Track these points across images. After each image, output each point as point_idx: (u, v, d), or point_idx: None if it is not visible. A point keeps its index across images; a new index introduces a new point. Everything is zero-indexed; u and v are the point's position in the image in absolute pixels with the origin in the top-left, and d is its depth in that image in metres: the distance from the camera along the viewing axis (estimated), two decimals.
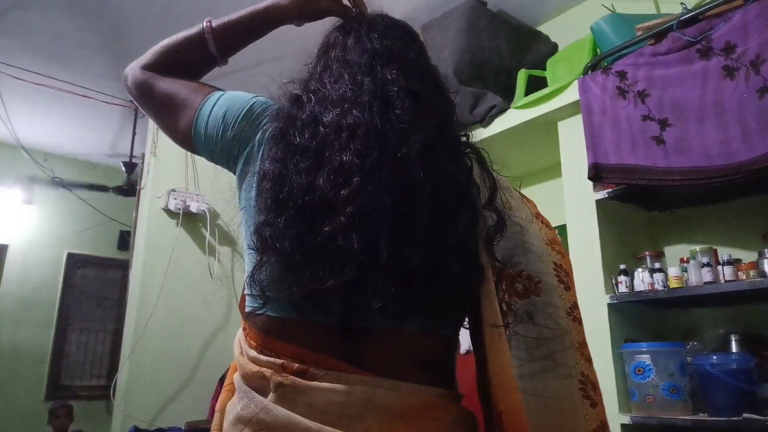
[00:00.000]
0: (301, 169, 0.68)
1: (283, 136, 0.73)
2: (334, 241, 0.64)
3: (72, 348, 4.47)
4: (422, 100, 0.73)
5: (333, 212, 0.65)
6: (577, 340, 0.73)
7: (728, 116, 1.50)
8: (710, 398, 1.56)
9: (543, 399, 0.67)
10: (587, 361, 0.73)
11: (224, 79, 3.37)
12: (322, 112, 0.72)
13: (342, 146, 0.67)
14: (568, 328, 0.72)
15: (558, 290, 0.74)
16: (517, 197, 0.81)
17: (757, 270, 1.54)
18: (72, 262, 4.54)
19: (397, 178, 0.66)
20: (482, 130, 2.22)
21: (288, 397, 0.67)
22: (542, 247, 0.76)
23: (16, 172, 4.27)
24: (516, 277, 0.72)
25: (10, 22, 2.78)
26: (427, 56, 0.86)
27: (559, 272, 0.76)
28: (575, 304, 0.76)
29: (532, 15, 2.62)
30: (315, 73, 0.80)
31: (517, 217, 0.76)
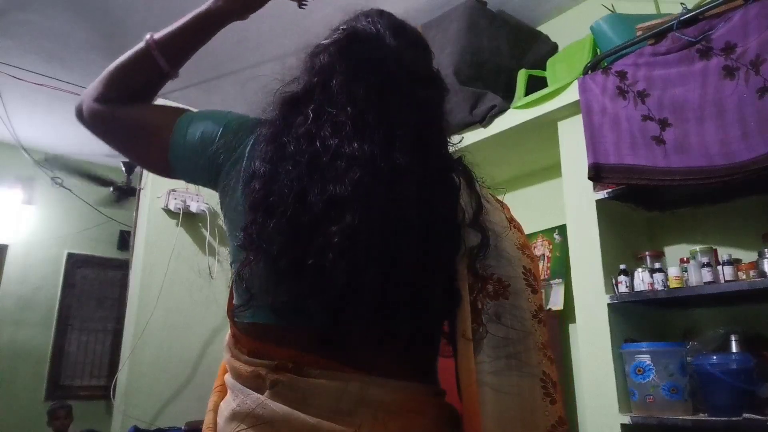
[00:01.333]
0: (292, 177, 0.69)
1: (276, 140, 0.73)
2: (321, 259, 0.66)
3: (72, 348, 4.46)
4: (425, 137, 0.75)
5: (320, 230, 0.67)
6: (541, 341, 0.77)
7: (728, 116, 1.50)
8: (710, 398, 1.56)
9: (507, 395, 0.71)
10: (549, 361, 0.77)
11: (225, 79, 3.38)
12: (320, 130, 0.71)
13: (337, 175, 0.68)
14: (532, 329, 0.76)
15: (525, 294, 0.78)
16: (494, 203, 0.85)
17: (757, 270, 1.54)
18: (72, 262, 4.54)
19: (389, 212, 0.68)
20: (482, 130, 2.22)
21: (284, 393, 0.69)
22: (514, 253, 0.80)
23: (16, 172, 4.27)
24: (488, 279, 0.76)
25: (10, 22, 2.78)
26: (431, 66, 0.87)
27: (528, 276, 0.79)
28: (541, 306, 0.80)
29: (532, 15, 2.62)
30: (317, 82, 0.78)
31: (493, 224, 0.79)
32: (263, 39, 2.84)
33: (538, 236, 2.48)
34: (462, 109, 2.22)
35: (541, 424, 0.73)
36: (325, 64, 0.79)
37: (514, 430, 0.71)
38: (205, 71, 3.19)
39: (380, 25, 0.83)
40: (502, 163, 2.49)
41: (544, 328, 0.79)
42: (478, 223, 0.76)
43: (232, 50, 2.94)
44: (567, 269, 2.13)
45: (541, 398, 0.74)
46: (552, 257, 2.38)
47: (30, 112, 3.79)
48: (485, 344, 0.73)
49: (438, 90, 0.84)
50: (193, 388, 2.86)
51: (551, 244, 2.41)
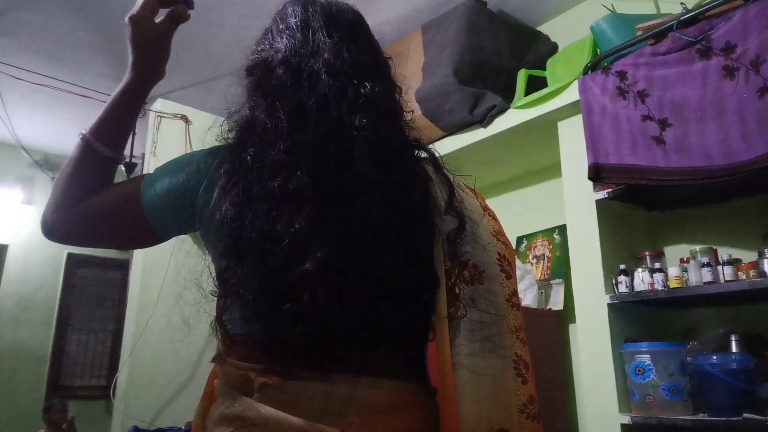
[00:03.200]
0: (259, 215, 0.70)
1: (237, 181, 0.73)
2: (296, 302, 0.67)
3: (72, 348, 4.46)
4: (384, 140, 0.74)
5: (291, 271, 0.68)
6: (514, 324, 0.80)
7: (728, 116, 1.50)
8: (710, 398, 1.56)
9: (483, 377, 0.74)
10: (522, 343, 0.81)
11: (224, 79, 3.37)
12: (262, 170, 0.72)
13: (293, 213, 0.68)
14: (506, 313, 0.79)
15: (500, 279, 0.80)
16: (467, 191, 0.86)
17: (757, 270, 1.54)
18: (72, 262, 4.54)
19: (356, 231, 0.70)
20: (482, 130, 2.22)
21: (272, 396, 0.70)
22: (489, 239, 0.82)
23: (16, 172, 4.27)
24: (464, 265, 0.78)
25: (10, 22, 2.78)
26: (373, 52, 0.85)
27: (502, 262, 0.82)
28: (515, 291, 0.82)
29: (532, 15, 2.62)
30: (249, 113, 0.78)
31: (469, 210, 0.81)
32: None
33: (538, 236, 2.48)
34: (462, 109, 2.22)
35: (513, 402, 0.75)
36: (250, 89, 0.81)
37: (489, 409, 0.73)
38: (205, 71, 3.19)
39: (310, 22, 0.81)
40: (502, 163, 2.49)
41: (518, 311, 0.82)
42: (453, 207, 0.78)
43: (232, 50, 2.94)
44: (567, 269, 2.13)
45: (513, 379, 0.77)
46: (552, 257, 2.38)
47: (30, 112, 3.79)
48: (462, 327, 0.75)
49: (384, 79, 0.83)
50: (193, 388, 2.86)
51: (551, 244, 2.41)
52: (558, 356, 2.15)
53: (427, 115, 2.30)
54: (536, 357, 2.13)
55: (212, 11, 2.67)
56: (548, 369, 2.09)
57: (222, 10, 2.66)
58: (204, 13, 2.69)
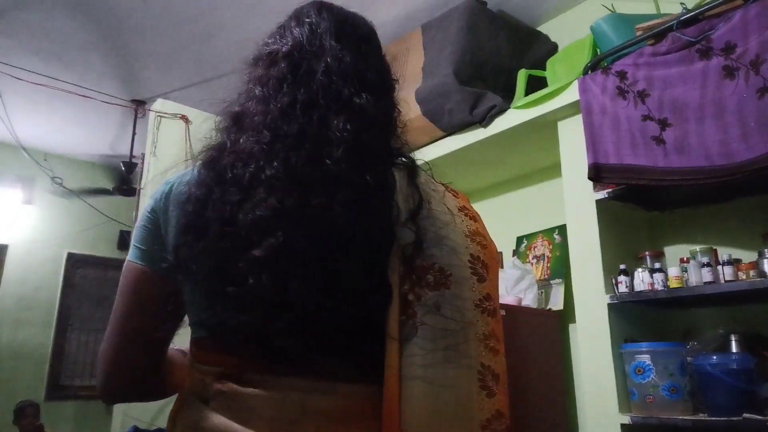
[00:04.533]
0: (226, 198, 0.70)
1: (214, 165, 0.74)
2: (242, 284, 0.67)
3: (72, 348, 4.47)
4: (363, 146, 0.74)
5: (248, 248, 0.68)
6: (483, 332, 0.73)
7: (728, 116, 1.50)
8: (710, 398, 1.57)
9: (442, 388, 0.69)
10: (491, 352, 0.73)
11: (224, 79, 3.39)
12: (238, 158, 0.73)
13: (258, 201, 0.69)
14: (473, 320, 0.73)
15: (469, 282, 0.74)
16: (442, 192, 0.81)
17: (757, 270, 1.54)
18: (72, 262, 4.54)
19: (317, 224, 0.68)
20: (482, 130, 2.22)
21: (226, 405, 0.70)
22: (460, 240, 0.76)
23: (16, 172, 4.27)
24: (428, 269, 0.72)
25: (10, 22, 2.78)
26: (377, 63, 0.85)
27: (475, 264, 0.76)
28: (488, 295, 0.76)
29: (532, 15, 2.63)
30: (242, 103, 0.79)
31: (437, 211, 0.77)
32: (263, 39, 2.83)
33: (538, 236, 2.48)
34: (462, 109, 2.22)
35: (475, 417, 0.70)
36: (251, 78, 0.82)
37: (447, 423, 0.68)
38: (205, 71, 3.19)
39: (321, 25, 0.82)
40: (502, 163, 2.49)
41: (489, 318, 0.75)
42: (414, 221, 0.74)
43: (232, 50, 2.94)
44: (567, 269, 2.13)
45: (477, 391, 0.70)
46: (552, 257, 2.38)
47: (30, 112, 3.79)
48: (421, 336, 0.70)
49: (383, 96, 0.82)
50: None
51: (551, 244, 2.41)
52: (558, 356, 2.15)
53: (427, 115, 2.30)
54: (536, 357, 2.13)
55: (212, 11, 2.67)
56: (548, 369, 2.09)
57: (222, 10, 2.66)
58: (204, 13, 2.69)
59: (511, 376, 0.80)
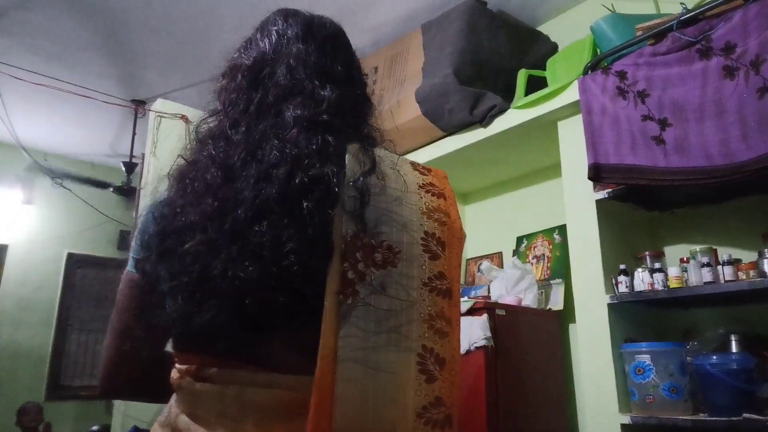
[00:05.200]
0: (181, 209, 0.73)
1: (179, 178, 0.79)
2: (180, 276, 0.69)
3: (72, 348, 4.46)
4: (318, 125, 0.75)
5: (176, 253, 0.70)
6: (429, 312, 0.69)
7: (728, 116, 1.50)
8: (710, 398, 1.56)
9: (381, 372, 0.65)
10: (436, 334, 0.68)
11: None
12: (198, 169, 0.76)
13: (196, 203, 0.72)
14: (419, 299, 0.68)
15: (419, 260, 0.70)
16: (402, 169, 0.78)
17: (757, 270, 1.54)
18: (72, 262, 4.54)
19: (240, 224, 0.68)
20: (482, 130, 2.22)
21: (185, 399, 0.72)
22: (413, 217, 0.72)
23: (16, 172, 4.27)
24: (377, 247, 0.69)
25: (10, 22, 2.78)
26: (344, 62, 0.85)
27: (429, 242, 0.72)
28: (440, 274, 0.71)
29: (532, 15, 2.63)
30: (218, 108, 0.84)
31: (392, 188, 0.73)
32: None
33: (538, 236, 2.48)
34: (462, 109, 2.22)
35: (410, 403, 0.65)
36: (217, 93, 0.86)
37: (382, 409, 0.64)
38: (205, 71, 3.19)
39: (288, 31, 0.85)
40: (502, 163, 2.49)
41: (439, 297, 0.70)
42: (358, 181, 0.71)
43: (232, 50, 2.93)
44: (567, 269, 2.13)
45: (415, 375, 0.65)
46: (552, 257, 2.38)
47: (30, 112, 3.79)
48: (362, 317, 0.66)
49: (352, 90, 0.83)
50: None
51: (551, 244, 2.41)
52: (558, 356, 2.15)
53: (427, 115, 2.30)
54: (536, 357, 2.13)
55: (212, 11, 2.67)
56: (548, 369, 2.10)
57: (222, 10, 2.66)
58: (204, 13, 2.69)
59: (511, 376, 0.77)
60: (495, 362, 1.83)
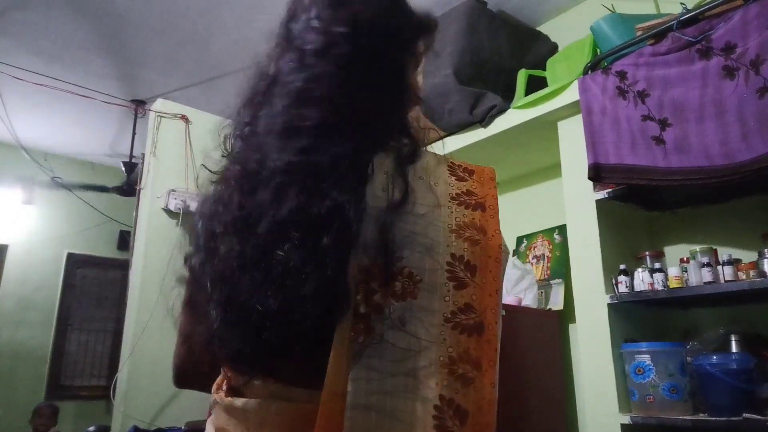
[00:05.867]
0: (211, 218, 0.72)
1: (223, 180, 0.76)
2: (210, 290, 0.67)
3: (72, 348, 4.47)
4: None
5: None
6: (450, 354, 0.58)
7: (728, 116, 1.50)
8: (710, 398, 1.56)
9: (396, 422, 0.56)
10: (458, 381, 0.58)
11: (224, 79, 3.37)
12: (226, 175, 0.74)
13: (222, 213, 0.69)
14: (439, 339, 0.58)
15: (442, 290, 0.60)
16: (433, 178, 0.67)
17: (757, 270, 1.54)
18: (72, 262, 4.54)
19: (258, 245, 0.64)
20: (482, 130, 2.22)
21: (217, 413, 0.70)
22: (441, 237, 0.62)
23: (16, 172, 4.27)
24: (396, 274, 0.60)
25: (10, 22, 2.78)
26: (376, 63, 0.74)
27: (455, 267, 0.61)
28: (467, 306, 0.60)
29: (532, 15, 2.63)
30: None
31: (419, 204, 0.63)
32: (263, 39, 2.84)
33: (538, 236, 2.48)
34: (462, 109, 2.22)
35: None
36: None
37: None
38: (205, 71, 3.19)
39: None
40: (502, 163, 2.49)
41: (463, 335, 0.59)
42: (386, 218, 0.61)
43: (232, 50, 2.94)
44: (567, 269, 2.13)
45: (431, 430, 0.56)
46: (552, 257, 2.38)
47: (30, 112, 3.79)
48: (377, 357, 0.58)
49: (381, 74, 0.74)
50: None
51: (551, 244, 2.41)
52: (558, 356, 2.15)
53: (427, 115, 2.30)
54: (536, 357, 2.13)
55: (212, 11, 2.67)
56: (548, 369, 2.09)
57: (222, 10, 2.65)
58: (204, 13, 2.69)
59: (511, 376, 0.72)
60: None
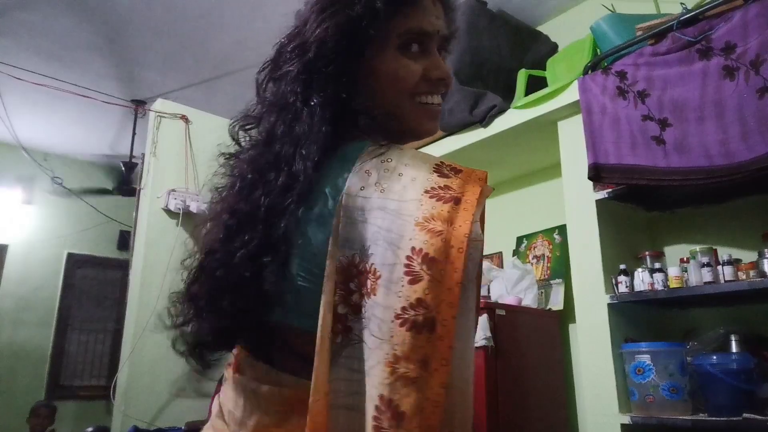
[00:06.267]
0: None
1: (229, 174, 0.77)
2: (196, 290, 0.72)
3: (72, 348, 4.47)
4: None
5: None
6: (394, 353, 0.55)
7: (728, 116, 1.50)
8: (710, 398, 1.57)
9: (357, 413, 0.56)
10: (400, 381, 0.54)
11: (224, 79, 3.37)
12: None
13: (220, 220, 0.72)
14: (387, 336, 0.55)
15: (397, 286, 0.56)
16: (410, 172, 0.64)
17: (757, 270, 1.54)
18: (72, 262, 4.54)
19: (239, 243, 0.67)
20: (482, 130, 2.22)
21: (223, 389, 0.72)
22: (403, 231, 0.58)
23: (16, 172, 4.27)
24: (368, 272, 0.58)
25: (10, 22, 2.78)
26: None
27: (412, 261, 0.57)
28: (418, 302, 0.56)
29: (532, 15, 2.63)
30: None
31: (390, 200, 0.61)
32: (263, 39, 2.83)
33: (538, 236, 2.48)
34: (462, 109, 2.22)
35: None
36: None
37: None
38: (205, 71, 3.19)
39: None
40: (502, 163, 2.49)
41: (410, 332, 0.55)
42: (352, 236, 0.61)
43: (232, 50, 2.94)
44: (567, 269, 2.13)
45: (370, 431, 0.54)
46: (552, 257, 2.38)
47: (30, 112, 3.80)
48: (355, 356, 0.58)
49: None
50: None
51: (551, 244, 2.41)
52: (558, 356, 2.15)
53: None
54: (536, 357, 2.13)
55: (212, 11, 2.67)
56: (548, 369, 2.09)
57: (222, 10, 2.65)
58: (204, 13, 2.69)
59: (511, 376, 0.69)
60: (495, 362, 1.83)
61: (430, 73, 0.75)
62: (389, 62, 0.73)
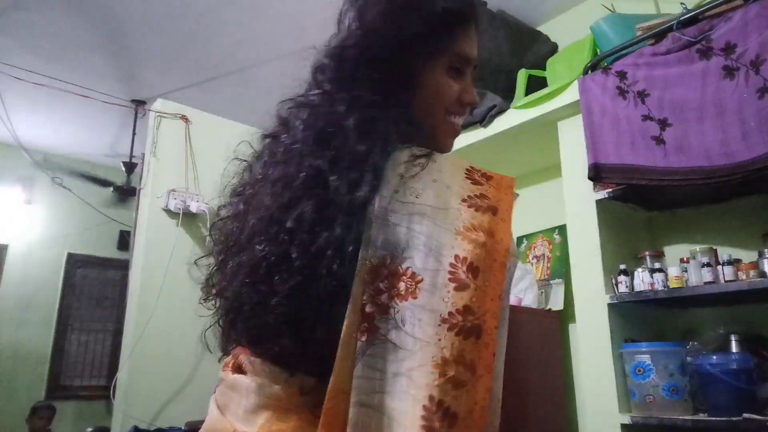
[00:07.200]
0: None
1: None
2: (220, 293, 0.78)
3: (72, 348, 4.47)
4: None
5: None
6: (443, 356, 0.57)
7: (728, 116, 1.50)
8: (710, 398, 1.57)
9: (393, 421, 0.56)
10: (449, 383, 0.56)
11: (225, 79, 3.37)
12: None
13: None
14: (433, 339, 0.57)
15: (442, 291, 0.59)
16: (447, 178, 0.67)
17: (757, 270, 1.54)
18: (72, 262, 4.54)
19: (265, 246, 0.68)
20: (482, 130, 2.22)
21: (221, 390, 0.73)
22: (444, 239, 0.62)
23: (16, 172, 4.27)
24: (402, 274, 0.60)
25: (10, 22, 2.78)
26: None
27: (457, 269, 0.60)
28: (466, 308, 0.59)
29: (532, 15, 2.62)
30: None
31: (428, 205, 0.63)
32: (262, 39, 2.84)
33: (538, 236, 2.48)
34: None
35: None
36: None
37: None
38: (205, 71, 3.19)
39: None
40: (502, 163, 2.49)
41: (459, 336, 0.58)
42: (385, 239, 0.63)
43: (232, 50, 2.94)
44: (567, 269, 2.13)
45: (417, 431, 0.55)
46: (552, 257, 2.38)
47: (30, 112, 3.79)
48: (380, 356, 0.59)
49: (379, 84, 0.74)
50: (193, 388, 2.86)
51: (551, 244, 2.41)
52: (558, 356, 2.15)
53: None
54: (536, 357, 2.13)
55: (212, 11, 2.67)
56: (548, 369, 2.09)
57: (222, 10, 2.65)
58: (204, 13, 2.69)
59: (511, 376, 0.70)
60: None
61: (463, 97, 0.81)
62: (437, 78, 0.79)
